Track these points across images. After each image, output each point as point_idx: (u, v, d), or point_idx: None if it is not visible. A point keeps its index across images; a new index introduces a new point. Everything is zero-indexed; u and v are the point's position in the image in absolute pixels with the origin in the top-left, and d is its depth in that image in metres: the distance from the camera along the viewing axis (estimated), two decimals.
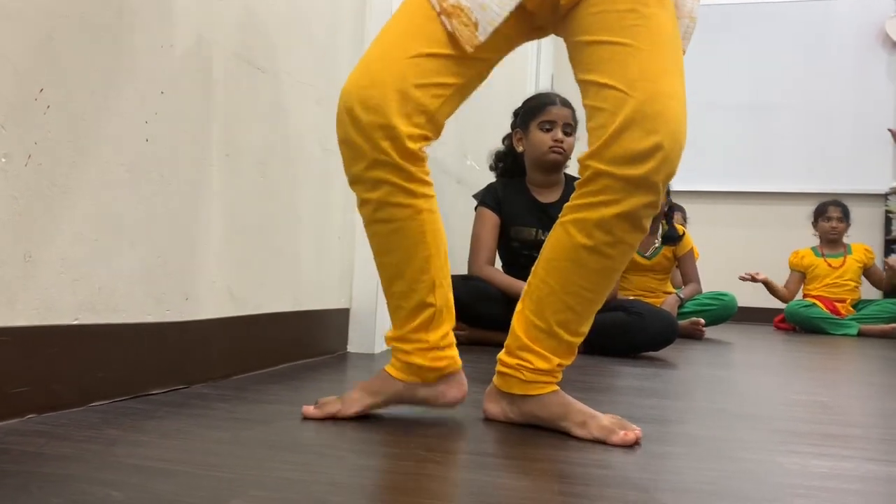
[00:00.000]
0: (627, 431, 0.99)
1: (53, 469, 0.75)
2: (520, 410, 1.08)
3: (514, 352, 1.07)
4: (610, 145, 0.94)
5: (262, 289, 1.55)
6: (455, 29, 0.99)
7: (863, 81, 5.12)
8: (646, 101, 0.93)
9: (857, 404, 1.47)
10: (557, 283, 1.02)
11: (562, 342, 1.05)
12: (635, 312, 2.26)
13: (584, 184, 0.99)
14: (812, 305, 4.09)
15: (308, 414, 1.06)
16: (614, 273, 1.02)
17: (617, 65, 0.95)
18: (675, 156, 0.94)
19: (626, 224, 0.97)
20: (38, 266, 0.98)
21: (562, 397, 1.06)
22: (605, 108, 0.95)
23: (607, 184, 0.96)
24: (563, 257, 1.02)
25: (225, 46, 1.38)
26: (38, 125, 0.97)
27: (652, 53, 0.95)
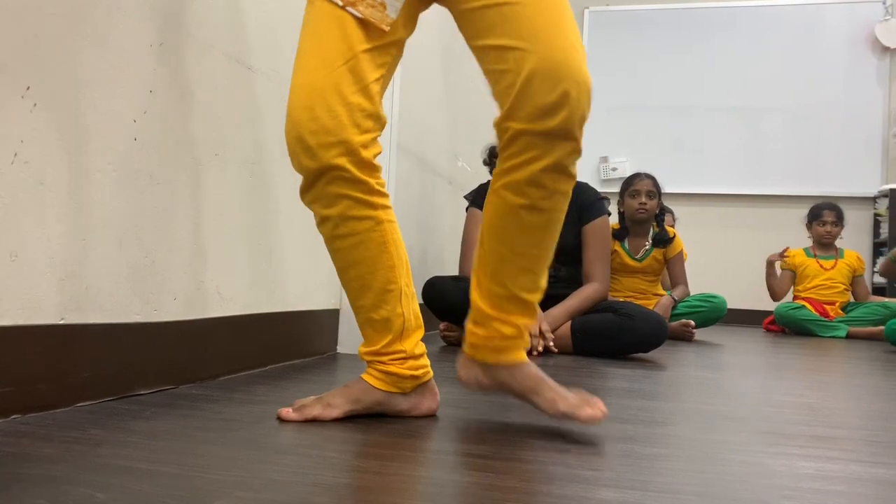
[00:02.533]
0: (594, 408, 1.01)
1: (37, 470, 0.74)
2: (492, 378, 1.10)
3: (481, 322, 1.08)
4: (521, 103, 0.95)
5: (250, 289, 1.54)
6: (364, 14, 1.00)
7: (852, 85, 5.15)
8: (546, 53, 0.94)
9: (844, 406, 1.47)
10: (506, 247, 1.04)
11: (524, 303, 1.06)
12: (625, 314, 2.26)
13: (506, 146, 1.00)
14: (801, 308, 4.11)
15: (286, 416, 1.05)
16: (557, 223, 1.04)
17: (510, 25, 0.96)
18: (585, 100, 0.96)
19: (555, 174, 0.99)
20: (23, 265, 0.97)
21: (533, 370, 1.08)
22: (507, 68, 0.96)
23: (528, 141, 0.97)
24: (505, 223, 1.03)
25: (214, 45, 1.37)
26: (24, 123, 0.96)
27: (540, 8, 0.96)
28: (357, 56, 1.00)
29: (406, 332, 1.09)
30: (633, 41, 5.39)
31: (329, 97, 0.97)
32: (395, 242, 1.07)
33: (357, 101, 0.98)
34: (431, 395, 1.14)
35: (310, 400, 1.09)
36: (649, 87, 5.29)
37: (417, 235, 2.77)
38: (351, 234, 1.03)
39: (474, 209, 2.51)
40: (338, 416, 1.07)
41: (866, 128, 5.12)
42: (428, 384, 1.13)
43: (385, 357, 1.08)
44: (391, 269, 1.06)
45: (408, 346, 1.09)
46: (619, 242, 3.33)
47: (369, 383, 1.09)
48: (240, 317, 1.49)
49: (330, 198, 1.01)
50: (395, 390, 1.09)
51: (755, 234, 5.22)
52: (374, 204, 1.03)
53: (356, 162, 0.99)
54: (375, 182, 1.03)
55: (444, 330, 2.47)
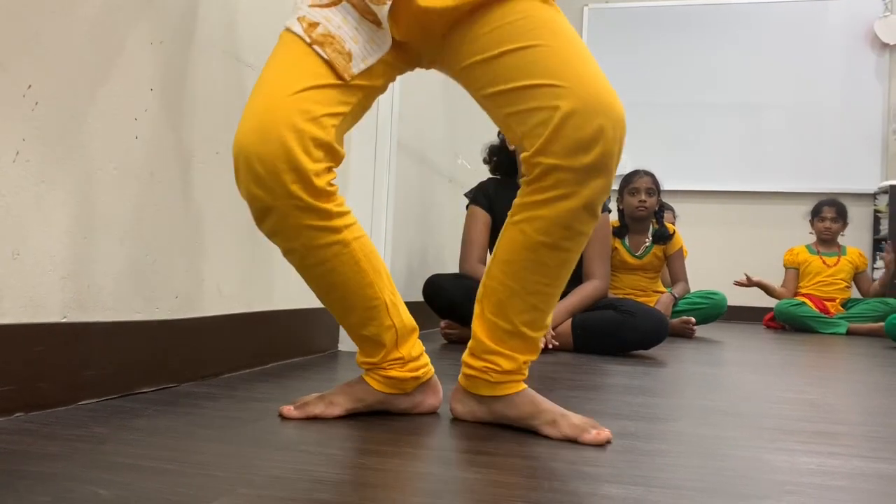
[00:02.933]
0: (599, 431, 0.98)
1: (41, 468, 0.74)
2: (489, 410, 1.08)
3: (479, 355, 1.06)
4: (556, 138, 0.93)
5: (251, 287, 1.54)
6: (330, 57, 0.97)
7: (852, 82, 5.15)
8: (580, 89, 0.92)
9: (845, 402, 1.48)
10: (518, 283, 1.01)
11: (527, 340, 1.04)
12: (626, 311, 2.26)
13: (535, 181, 0.97)
14: (801, 304, 4.11)
15: (287, 414, 1.05)
16: (572, 263, 1.02)
17: (536, 65, 0.95)
18: (620, 134, 0.94)
19: (584, 215, 0.96)
20: (25, 263, 0.98)
21: (530, 396, 1.06)
22: (538, 105, 0.94)
23: (561, 177, 0.94)
24: (521, 258, 1.00)
25: (214, 43, 1.37)
26: (26, 121, 0.97)
27: (562, 46, 0.95)
28: (313, 89, 0.96)
29: (400, 339, 1.08)
30: (632, 39, 5.38)
31: (278, 124, 0.92)
32: (368, 258, 1.03)
33: (307, 128, 0.93)
34: (433, 393, 1.13)
35: (312, 398, 1.08)
36: (648, 84, 5.29)
37: (417, 233, 2.77)
38: (320, 262, 1.00)
39: (474, 207, 2.51)
40: (340, 415, 1.07)
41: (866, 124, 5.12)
42: (430, 382, 1.13)
43: (384, 365, 1.08)
44: (370, 286, 1.04)
45: (404, 351, 1.08)
46: (619, 240, 3.33)
47: (371, 385, 1.09)
48: (241, 315, 1.49)
49: (290, 230, 0.97)
50: (397, 391, 1.09)
51: (755, 231, 5.22)
52: (337, 228, 0.99)
53: (309, 190, 0.94)
54: (334, 206, 0.98)
55: (444, 328, 2.47)
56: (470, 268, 2.45)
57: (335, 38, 0.98)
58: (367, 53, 1.00)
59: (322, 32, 0.98)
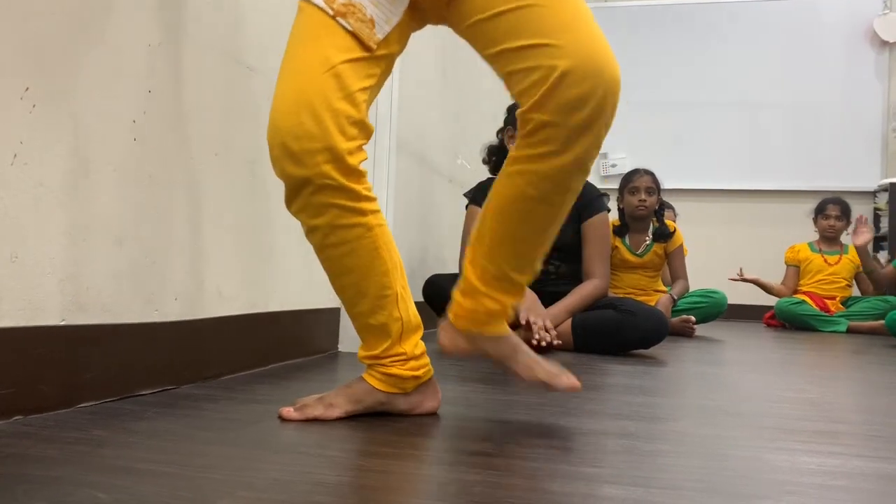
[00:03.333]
0: (570, 377, 1.06)
1: (39, 471, 0.74)
2: (472, 344, 1.13)
3: (469, 294, 1.10)
4: (550, 96, 0.94)
5: (251, 288, 1.54)
6: (354, 27, 0.99)
7: (852, 79, 5.15)
8: (575, 48, 0.93)
9: (845, 401, 1.47)
10: (507, 231, 1.05)
11: (514, 283, 1.08)
12: (626, 310, 2.26)
13: (528, 135, 0.98)
14: (801, 302, 4.11)
15: (287, 416, 1.05)
16: (562, 216, 1.05)
17: (532, 24, 0.96)
18: (613, 93, 0.95)
19: (574, 171, 0.99)
20: (24, 266, 0.97)
21: (513, 340, 1.12)
22: (535, 65, 0.95)
23: (551, 134, 0.96)
24: (513, 208, 1.03)
25: (213, 45, 1.37)
26: (23, 124, 0.96)
27: (560, 6, 0.96)
28: (343, 64, 0.98)
29: (405, 334, 1.09)
30: (631, 37, 5.38)
31: (314, 103, 0.95)
32: (388, 246, 1.06)
33: (342, 107, 0.96)
34: (433, 394, 1.14)
35: (311, 399, 1.08)
36: (648, 83, 5.28)
37: (417, 233, 2.77)
38: (341, 242, 1.02)
39: (474, 207, 2.51)
40: (339, 416, 1.07)
41: (866, 122, 5.12)
42: (429, 382, 1.13)
43: (385, 360, 1.08)
44: (385, 274, 1.05)
45: (408, 347, 1.09)
46: (619, 238, 3.33)
47: (370, 384, 1.09)
48: (240, 316, 1.49)
49: (317, 207, 0.99)
50: (397, 391, 1.09)
51: (755, 230, 5.22)
52: (364, 210, 1.01)
53: (342, 169, 0.97)
54: (363, 188, 1.01)
55: None
56: None
57: (356, 5, 0.99)
58: (388, 14, 1.02)
59: (342, 2, 0.99)
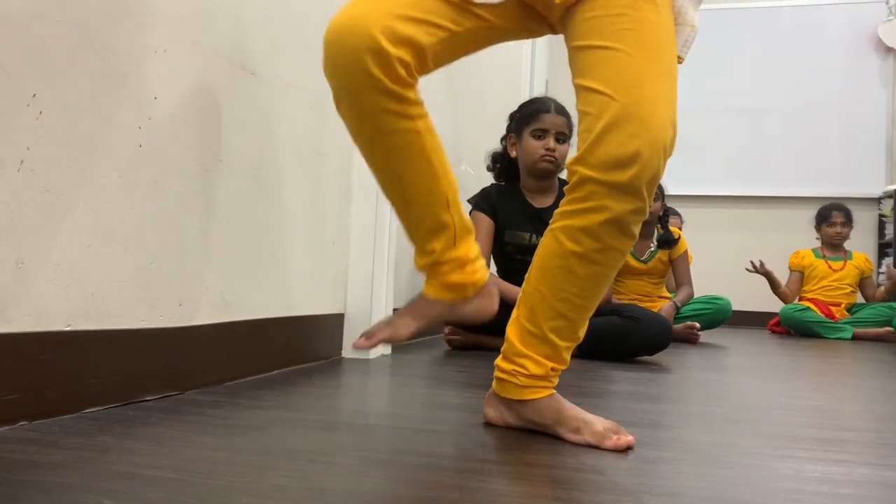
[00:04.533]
0: (620, 437, 0.99)
1: (44, 477, 0.74)
2: (517, 415, 1.08)
3: (510, 357, 1.07)
4: (594, 150, 0.93)
5: (255, 294, 1.55)
6: None
7: (856, 86, 5.15)
8: (629, 105, 0.92)
9: (850, 408, 1.47)
10: (548, 289, 1.02)
11: (555, 348, 1.04)
12: (630, 317, 2.26)
13: (572, 189, 0.98)
14: (806, 309, 4.10)
15: (359, 345, 1.06)
16: (605, 279, 1.02)
17: (603, 69, 0.95)
18: (656, 161, 0.93)
19: (613, 230, 0.96)
20: (30, 272, 0.98)
21: (557, 402, 1.06)
22: (591, 112, 0.95)
23: (592, 189, 0.95)
24: (553, 264, 1.01)
25: (218, 51, 1.37)
26: (30, 130, 0.97)
27: (639, 58, 0.94)
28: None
29: (459, 237, 1.07)
30: None
31: (379, 7, 0.93)
32: (436, 150, 1.03)
33: (404, 24, 0.93)
34: (490, 296, 1.13)
35: (378, 325, 1.09)
36: None
37: None
38: (392, 149, 0.99)
39: (477, 213, 2.51)
40: (409, 335, 1.07)
41: (870, 128, 5.12)
42: (486, 287, 1.12)
43: (444, 266, 1.07)
44: (436, 179, 1.03)
45: (463, 250, 1.07)
46: None
47: (431, 297, 1.09)
48: (244, 322, 1.49)
49: (366, 112, 0.96)
50: (458, 298, 1.09)
51: (759, 236, 5.21)
52: (411, 114, 0.98)
53: (390, 74, 0.94)
54: (412, 93, 0.98)
55: (448, 334, 2.47)
56: None
57: None
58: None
59: None
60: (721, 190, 5.28)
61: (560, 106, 2.42)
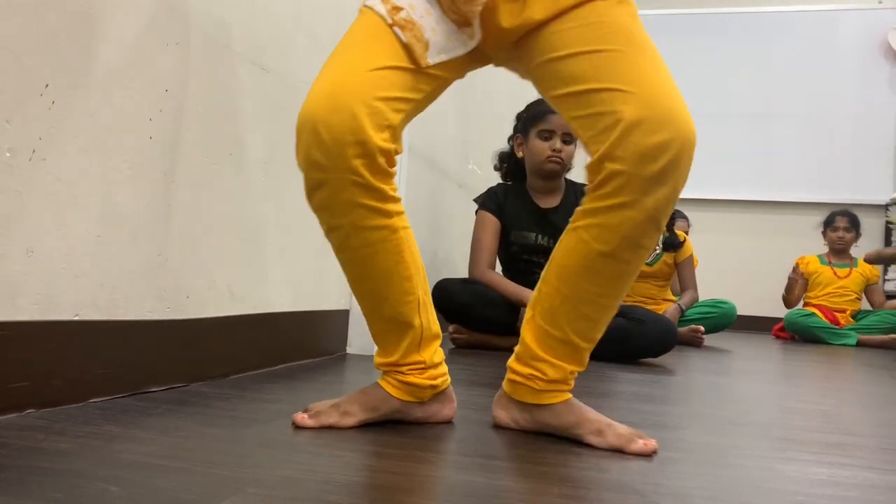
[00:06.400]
0: (646, 441, 0.97)
1: (52, 464, 0.75)
2: (532, 418, 1.05)
3: (525, 361, 1.03)
4: (622, 143, 0.90)
5: (262, 288, 1.55)
6: (408, 41, 0.96)
7: (865, 92, 5.13)
8: (649, 97, 0.90)
9: (855, 413, 1.47)
10: (572, 290, 0.98)
11: (576, 349, 1.01)
12: (635, 319, 2.26)
13: (597, 187, 0.94)
14: (811, 315, 4.09)
15: (301, 423, 1.01)
16: (630, 277, 0.98)
17: (607, 69, 0.93)
18: (688, 148, 0.91)
19: (648, 226, 0.93)
20: (40, 261, 0.98)
21: (574, 405, 1.03)
22: (606, 110, 0.92)
23: (624, 184, 0.91)
24: (577, 264, 0.97)
25: (229, 46, 1.38)
26: (42, 120, 0.97)
27: (636, 54, 0.93)
28: (391, 70, 0.95)
29: (424, 342, 1.05)
30: None
31: (354, 95, 0.91)
32: (411, 250, 1.02)
33: (381, 107, 0.92)
34: (449, 402, 1.10)
35: (325, 406, 1.05)
36: None
37: (427, 238, 2.77)
38: (365, 245, 0.97)
39: (484, 212, 2.51)
40: (354, 425, 1.03)
41: (879, 135, 5.10)
42: (446, 391, 1.10)
43: (403, 367, 1.05)
44: (408, 279, 1.01)
45: (426, 355, 1.05)
46: None
47: (387, 391, 1.06)
48: (251, 316, 1.50)
49: (341, 206, 0.94)
50: (413, 399, 1.06)
51: (766, 241, 5.21)
52: (389, 212, 0.97)
53: (372, 167, 0.92)
54: (390, 189, 0.96)
55: (453, 332, 2.47)
56: (479, 273, 2.45)
57: (416, 24, 0.97)
58: (443, 49, 0.99)
59: (405, 17, 0.97)
60: (728, 194, 5.28)
61: None
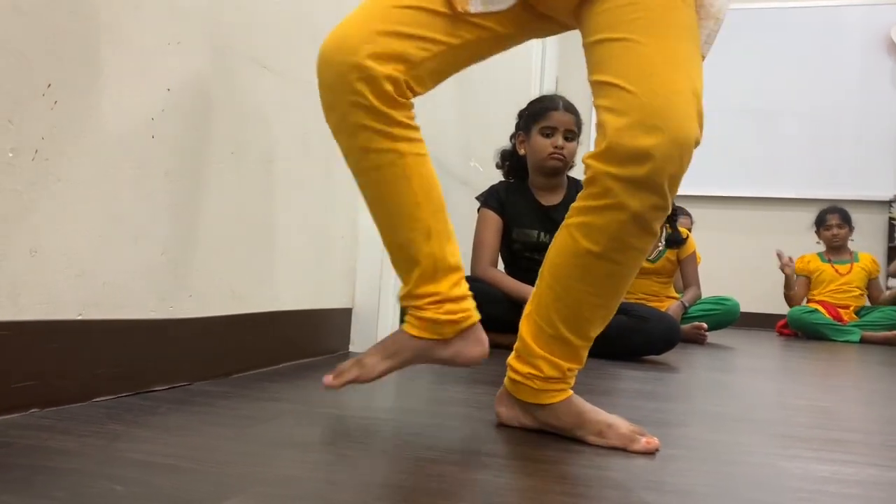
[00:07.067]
0: (648, 439, 0.97)
1: (57, 463, 0.75)
2: (533, 417, 1.05)
3: (524, 358, 1.03)
4: (610, 144, 0.88)
5: (264, 287, 1.55)
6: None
7: (868, 88, 5.12)
8: (648, 96, 0.88)
9: (858, 410, 1.46)
10: (563, 288, 0.98)
11: (571, 346, 1.00)
12: (638, 316, 2.26)
13: (587, 185, 0.93)
14: (814, 311, 4.08)
15: (328, 383, 1.02)
16: (625, 278, 0.97)
17: (617, 61, 0.91)
18: (679, 154, 0.87)
19: (634, 228, 0.91)
20: (43, 261, 0.99)
21: (576, 405, 1.02)
22: (607, 106, 0.91)
23: (608, 185, 0.89)
24: (568, 263, 0.96)
25: (231, 45, 1.38)
26: (45, 120, 0.98)
27: (653, 46, 0.90)
28: (423, 9, 0.95)
29: (438, 272, 1.02)
30: None
31: (367, 25, 0.94)
32: (422, 177, 0.99)
33: (395, 40, 0.94)
34: (476, 341, 1.06)
35: (348, 363, 1.04)
36: None
37: None
38: (372, 167, 0.98)
39: (486, 210, 2.51)
40: (378, 376, 1.02)
41: (882, 131, 5.09)
42: (472, 329, 1.05)
43: (420, 301, 1.02)
44: (416, 205, 0.99)
45: (443, 287, 1.02)
46: None
47: (407, 332, 1.03)
48: (253, 314, 1.50)
49: (349, 127, 0.96)
50: (435, 337, 1.03)
51: (769, 237, 5.20)
52: (395, 135, 0.97)
53: (376, 91, 0.93)
54: (401, 115, 0.97)
55: None
56: (481, 271, 2.45)
57: None
58: (490, 1, 0.99)
59: None
60: (731, 191, 5.27)
61: (569, 104, 2.41)
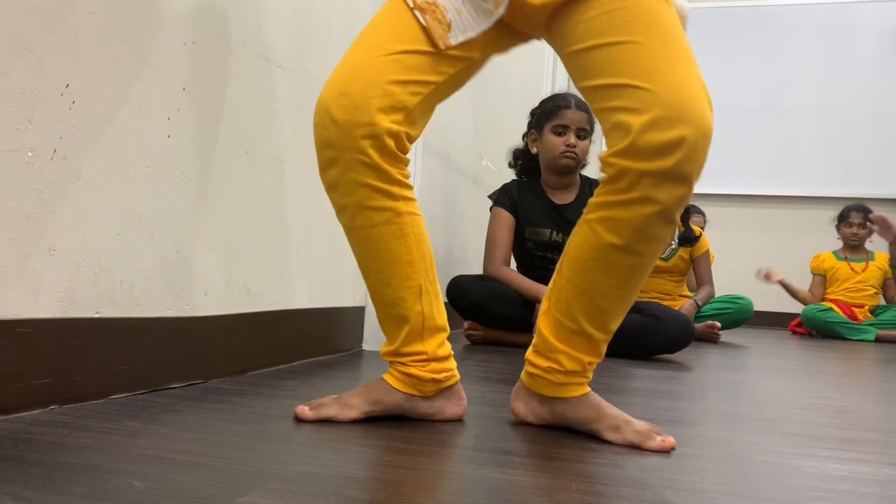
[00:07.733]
0: (664, 438, 0.97)
1: (76, 459, 0.76)
2: (550, 411, 1.06)
3: (543, 353, 1.04)
4: (636, 141, 0.89)
5: (278, 285, 1.56)
6: (428, 25, 0.98)
7: (881, 85, 5.07)
8: (665, 92, 0.89)
9: (874, 409, 1.46)
10: (586, 282, 0.98)
11: (592, 340, 1.01)
12: (651, 315, 2.25)
13: (611, 181, 0.93)
14: (829, 310, 4.05)
15: (302, 415, 1.02)
16: (646, 269, 0.98)
17: (624, 63, 0.92)
18: (703, 143, 0.89)
19: (660, 220, 0.92)
20: (61, 259, 1.00)
21: (593, 399, 1.04)
22: (623, 105, 0.91)
23: (636, 179, 0.90)
24: (590, 257, 0.97)
25: (246, 44, 1.39)
26: (63, 120, 0.99)
27: (657, 45, 0.92)
28: (411, 52, 0.97)
29: (427, 331, 1.05)
30: None
31: (367, 77, 0.95)
32: (416, 237, 1.03)
33: (394, 90, 0.95)
34: (457, 400, 1.09)
35: (328, 399, 1.06)
36: None
37: (441, 234, 2.77)
38: (368, 225, 1.00)
39: (498, 209, 2.51)
40: (355, 418, 1.04)
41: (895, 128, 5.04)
42: (453, 388, 1.09)
43: (405, 358, 1.04)
44: (409, 264, 1.02)
45: (429, 347, 1.05)
46: None
47: (390, 384, 1.05)
48: (267, 312, 1.51)
49: (348, 185, 0.98)
50: (416, 393, 1.05)
51: (782, 235, 5.16)
52: (394, 194, 0.99)
53: (380, 148, 0.96)
54: (398, 172, 0.99)
55: (468, 329, 2.47)
56: (494, 269, 2.45)
57: (438, 6, 0.99)
58: (468, 26, 1.00)
59: (427, 0, 0.99)
60: (745, 189, 5.24)
61: (581, 102, 2.41)
